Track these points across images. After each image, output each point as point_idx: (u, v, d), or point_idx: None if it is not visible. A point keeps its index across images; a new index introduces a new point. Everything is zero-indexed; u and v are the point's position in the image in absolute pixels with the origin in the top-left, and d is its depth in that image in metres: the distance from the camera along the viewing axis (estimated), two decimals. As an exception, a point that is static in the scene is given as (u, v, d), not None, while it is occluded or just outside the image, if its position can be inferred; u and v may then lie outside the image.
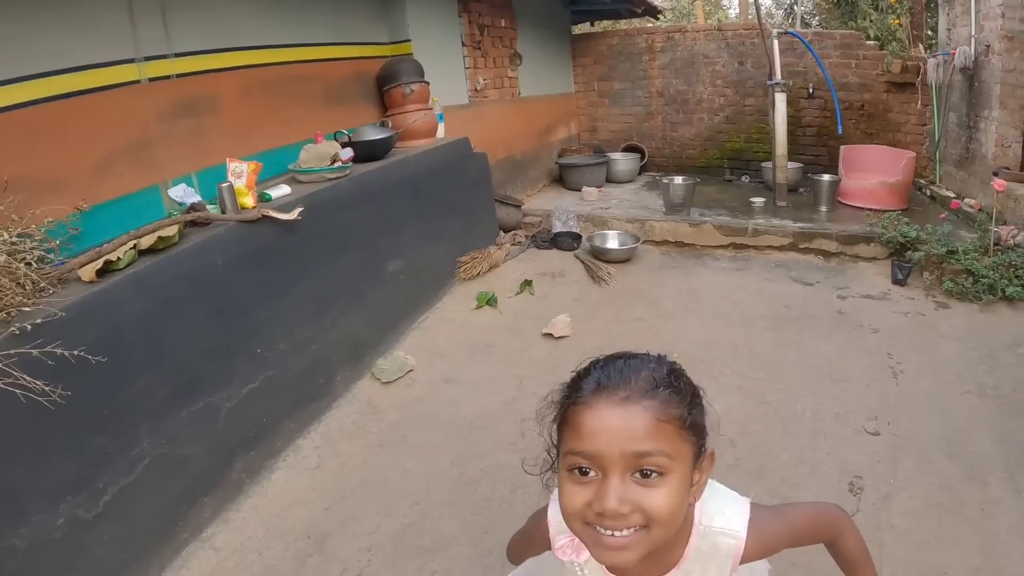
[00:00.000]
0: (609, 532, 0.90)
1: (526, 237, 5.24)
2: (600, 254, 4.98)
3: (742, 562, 1.07)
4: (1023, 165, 4.77)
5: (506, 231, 5.29)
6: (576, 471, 0.91)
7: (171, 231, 2.38)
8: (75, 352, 1.84)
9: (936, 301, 4.05)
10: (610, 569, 1.06)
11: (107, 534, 2.03)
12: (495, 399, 3.15)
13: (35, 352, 1.76)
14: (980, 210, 4.81)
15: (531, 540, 1.21)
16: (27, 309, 1.89)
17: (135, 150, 2.78)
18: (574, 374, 0.99)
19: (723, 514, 1.07)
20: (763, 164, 6.57)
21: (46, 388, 1.76)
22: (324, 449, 2.84)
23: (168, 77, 2.92)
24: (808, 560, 2.09)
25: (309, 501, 2.53)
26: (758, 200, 5.86)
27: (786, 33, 5.97)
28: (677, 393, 0.92)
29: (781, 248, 5.06)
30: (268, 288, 2.80)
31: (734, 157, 7.39)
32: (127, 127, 2.75)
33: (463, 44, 5.41)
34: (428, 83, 4.43)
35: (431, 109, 4.46)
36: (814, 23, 10.18)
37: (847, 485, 2.46)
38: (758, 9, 6.10)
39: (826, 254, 4.91)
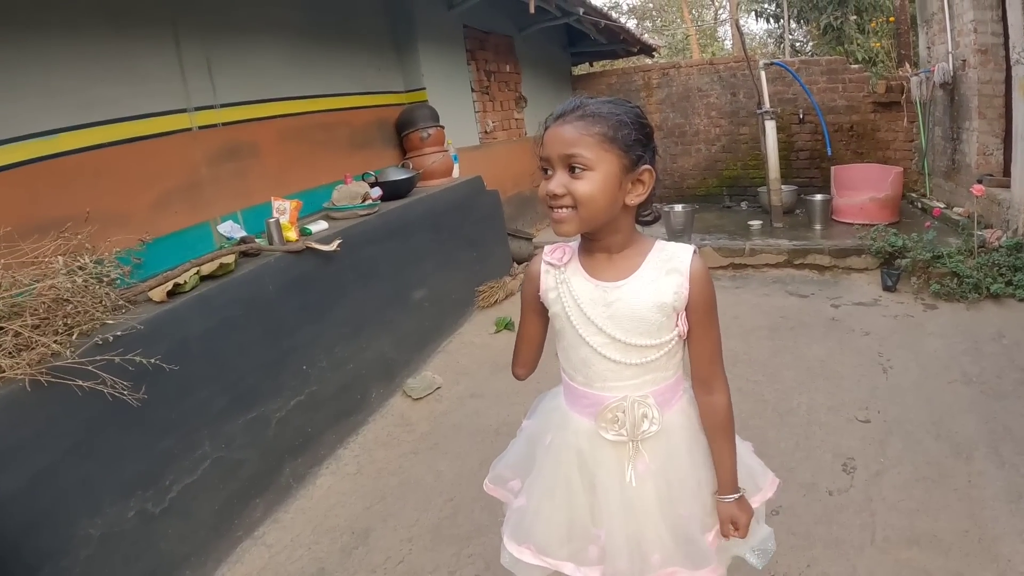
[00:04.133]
0: (556, 210, 1.23)
1: (537, 267, 5.50)
2: (607, 279, 5.21)
3: (688, 304, 1.31)
4: (1005, 170, 4.97)
5: (519, 263, 5.57)
6: (543, 171, 1.26)
7: (229, 259, 2.70)
8: (152, 361, 2.08)
9: (924, 303, 4.28)
10: (585, 267, 1.35)
11: (171, 528, 2.22)
12: (517, 409, 3.34)
13: (117, 359, 1.99)
14: (968, 217, 5.00)
15: (529, 280, 1.44)
16: (110, 322, 2.14)
17: (188, 190, 3.11)
18: None
19: (678, 243, 1.36)
20: (760, 189, 6.80)
21: (126, 391, 1.98)
22: (362, 457, 3.08)
23: (215, 125, 3.27)
24: (807, 529, 2.34)
25: (351, 502, 2.75)
26: (755, 223, 6.13)
27: (772, 64, 6.26)
28: (602, 120, 1.21)
29: (777, 265, 5.33)
30: (310, 312, 3.08)
31: (732, 184, 7.68)
32: (180, 170, 3.09)
33: (472, 90, 5.78)
34: (443, 127, 4.78)
35: (446, 151, 4.80)
36: (807, 50, 10.49)
37: (840, 466, 2.66)
38: (743, 43, 6.42)
39: (820, 268, 5.16)
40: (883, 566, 2.14)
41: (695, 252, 1.33)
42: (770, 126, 5.76)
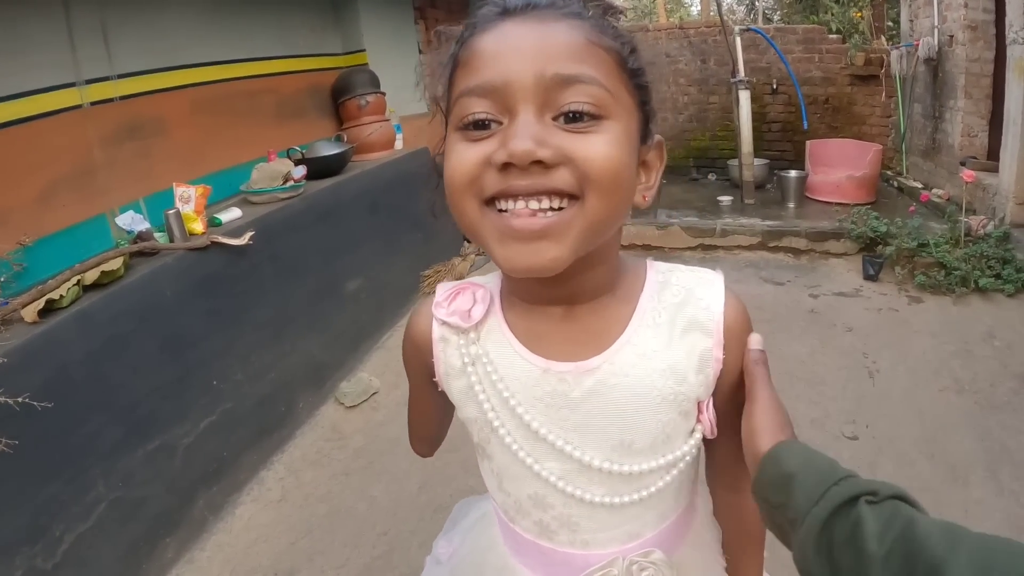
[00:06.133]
0: (523, 204, 0.60)
1: (490, 247, 5.15)
2: (565, 260, 4.89)
3: (721, 381, 0.78)
4: (990, 154, 4.79)
5: (470, 242, 5.20)
6: (471, 127, 0.62)
7: (115, 264, 2.27)
8: (19, 400, 1.74)
9: (909, 296, 4.04)
10: (518, 331, 0.76)
11: None
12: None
13: None
14: (948, 200, 4.84)
15: (413, 347, 0.86)
16: (-35, 355, 1.78)
17: (79, 178, 2.65)
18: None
19: (687, 268, 0.81)
20: (729, 162, 6.54)
21: None
22: (288, 480, 2.74)
23: (111, 100, 2.80)
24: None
25: (274, 536, 2.44)
26: (725, 199, 5.83)
27: (748, 30, 5.96)
28: (614, 30, 0.66)
29: (750, 247, 5.03)
30: (221, 317, 2.70)
31: (700, 156, 7.37)
32: (70, 155, 2.62)
33: (420, 51, 5.32)
34: (384, 94, 4.33)
35: (388, 120, 4.36)
36: (775, 18, 10.24)
37: (827, 494, 2.42)
38: (720, 7, 6.08)
39: (796, 252, 4.89)
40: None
41: (725, 286, 0.79)
42: (744, 96, 5.44)
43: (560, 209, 0.61)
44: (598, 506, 0.77)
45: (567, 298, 0.73)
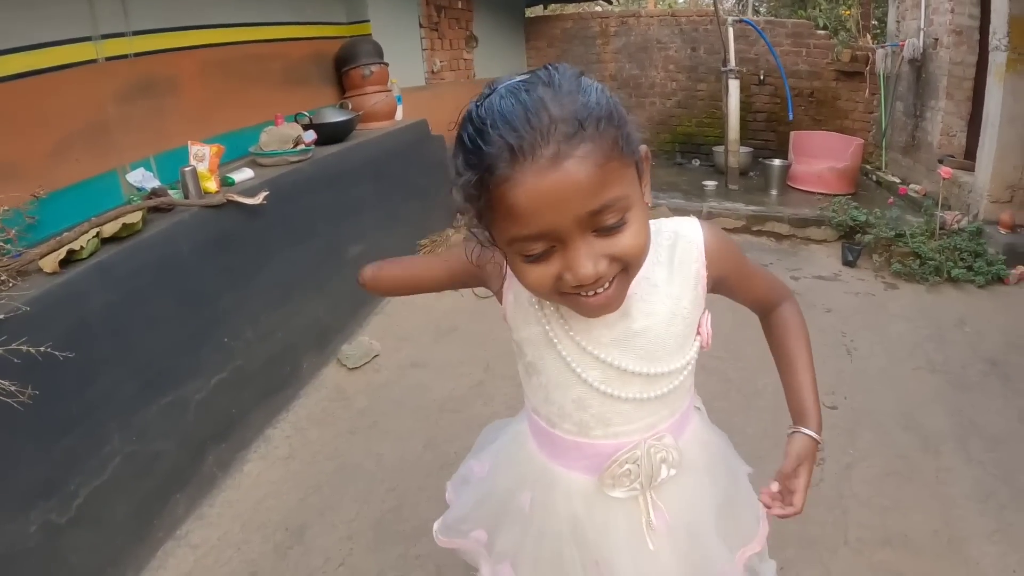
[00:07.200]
0: (591, 292, 0.83)
1: (484, 220, 5.23)
2: (558, 237, 4.99)
3: (708, 288, 1.01)
4: (967, 153, 4.95)
5: (462, 215, 5.25)
6: (532, 257, 0.81)
7: (135, 217, 2.29)
8: (41, 349, 1.71)
9: (885, 282, 4.21)
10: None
11: (82, 539, 1.94)
12: (463, 382, 3.14)
13: (0, 351, 1.65)
14: (925, 195, 4.99)
15: (485, 275, 1.08)
16: (-13, 304, 1.78)
17: (92, 133, 2.66)
18: (464, 134, 0.82)
19: (670, 218, 1.04)
20: (714, 148, 6.68)
21: (13, 388, 1.65)
22: (295, 438, 2.79)
23: (126, 56, 2.80)
24: (778, 526, 2.19)
25: (284, 492, 2.49)
26: (710, 184, 5.97)
27: (741, 21, 6.05)
28: (600, 113, 0.75)
29: (735, 231, 5.16)
30: (234, 275, 2.73)
31: (685, 141, 7.50)
32: (83, 109, 2.62)
33: (420, 25, 5.34)
34: (387, 64, 4.36)
35: (390, 91, 4.39)
36: (763, 11, 10.35)
37: (810, 457, 2.55)
38: (714, -4, 6.17)
39: (778, 236, 5.05)
40: (857, 569, 2.07)
41: (701, 223, 1.02)
42: (734, 85, 5.56)
43: (613, 286, 0.84)
44: (629, 401, 0.99)
45: None
